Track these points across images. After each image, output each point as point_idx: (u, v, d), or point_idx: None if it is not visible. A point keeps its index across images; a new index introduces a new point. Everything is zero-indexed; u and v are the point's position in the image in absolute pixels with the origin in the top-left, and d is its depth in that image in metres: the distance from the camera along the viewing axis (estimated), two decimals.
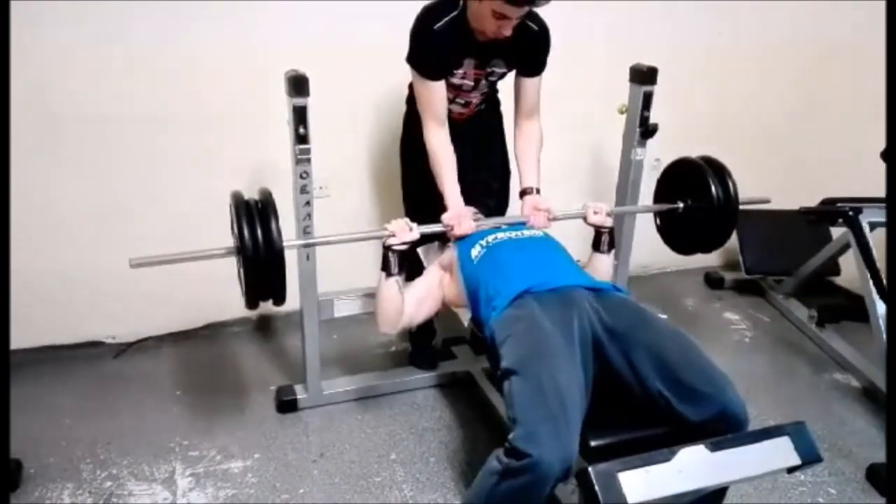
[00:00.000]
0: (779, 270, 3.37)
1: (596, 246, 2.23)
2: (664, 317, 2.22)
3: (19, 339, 2.55)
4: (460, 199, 2.19)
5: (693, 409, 1.64)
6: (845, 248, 2.86)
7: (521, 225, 2.20)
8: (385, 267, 2.03)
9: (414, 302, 2.10)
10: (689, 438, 1.51)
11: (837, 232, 2.94)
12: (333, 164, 2.72)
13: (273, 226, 1.86)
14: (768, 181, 3.53)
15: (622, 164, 2.62)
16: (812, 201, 2.86)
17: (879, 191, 2.68)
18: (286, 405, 2.49)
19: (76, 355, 2.75)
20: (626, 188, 2.61)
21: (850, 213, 2.65)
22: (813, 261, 3.14)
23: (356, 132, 2.87)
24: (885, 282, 2.51)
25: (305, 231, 2.23)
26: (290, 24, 2.60)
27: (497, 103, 2.49)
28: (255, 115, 2.60)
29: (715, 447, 1.48)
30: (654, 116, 2.50)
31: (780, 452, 1.52)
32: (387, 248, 2.03)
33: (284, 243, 1.88)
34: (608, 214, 2.22)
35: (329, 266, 2.40)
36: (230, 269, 2.86)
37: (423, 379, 2.65)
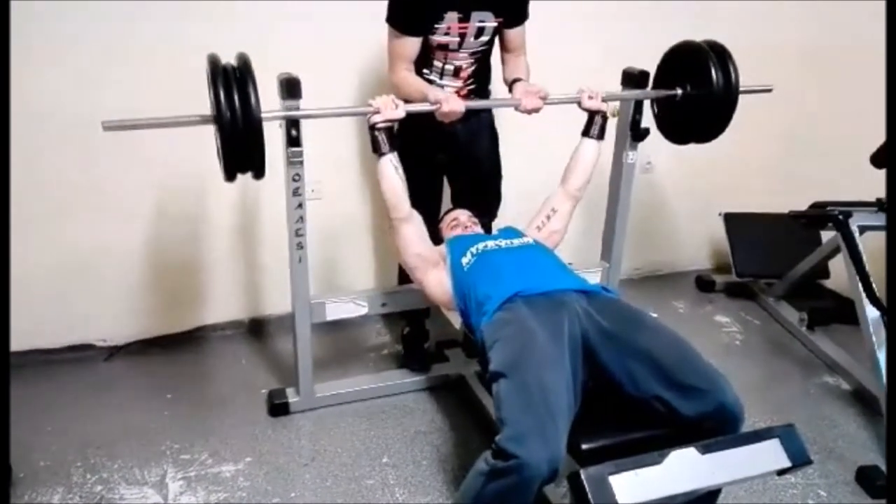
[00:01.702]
0: (769, 273, 3.39)
1: (587, 131, 2.25)
2: (655, 315, 2.22)
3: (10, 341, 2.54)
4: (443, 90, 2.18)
5: (690, 404, 1.64)
6: (835, 251, 2.87)
7: (512, 233, 2.20)
8: (375, 148, 2.04)
9: (417, 230, 2.13)
10: (682, 440, 1.52)
11: (827, 235, 2.96)
12: (326, 166, 2.72)
13: (251, 93, 1.76)
14: (759, 185, 3.58)
15: (614, 167, 2.62)
16: (802, 205, 2.88)
17: (869, 194, 2.71)
18: (278, 408, 2.48)
19: (66, 358, 2.74)
20: (618, 191, 2.61)
21: (840, 216, 2.66)
22: (803, 264, 3.15)
23: (348, 134, 2.87)
24: (874, 286, 2.53)
25: (297, 233, 2.22)
26: (281, 25, 2.60)
27: (488, 94, 2.48)
28: None
29: (705, 449, 1.49)
30: (645, 120, 2.51)
31: (771, 455, 1.53)
32: (372, 127, 2.03)
33: (263, 114, 1.79)
34: (604, 100, 2.24)
35: (321, 269, 2.40)
36: (222, 272, 2.88)
37: (415, 382, 2.65)
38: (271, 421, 2.46)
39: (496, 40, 2.35)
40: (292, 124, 2.05)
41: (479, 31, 2.25)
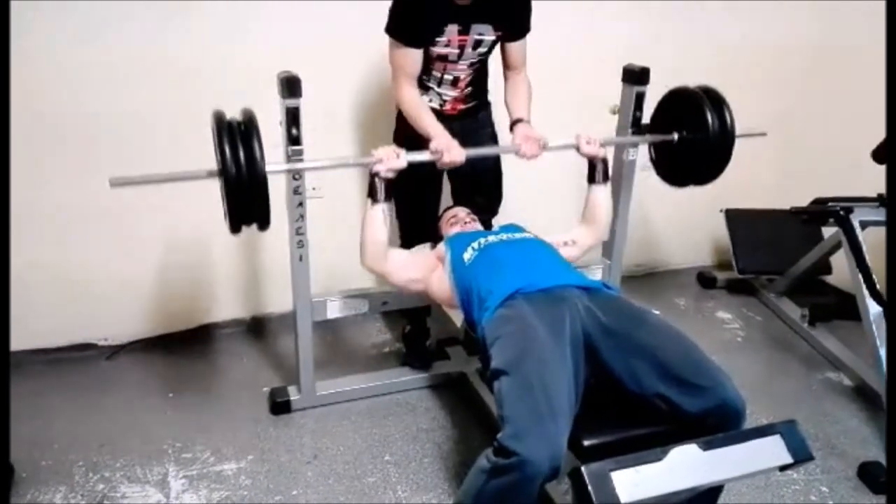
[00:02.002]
0: (771, 270, 3.39)
1: (591, 178, 2.25)
2: (657, 313, 2.22)
3: (11, 340, 2.54)
4: (446, 132, 2.18)
5: (692, 400, 1.64)
6: (837, 247, 2.87)
7: (513, 228, 2.20)
8: (371, 193, 2.05)
9: (398, 261, 2.12)
10: (683, 436, 1.51)
11: (829, 231, 2.96)
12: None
13: (256, 146, 1.78)
14: (760, 181, 3.58)
15: (615, 165, 2.62)
16: (803, 201, 2.87)
17: (870, 190, 2.70)
18: (279, 407, 2.48)
19: (68, 357, 2.74)
20: (619, 188, 2.61)
21: (842, 212, 2.66)
22: (804, 260, 3.15)
23: (349, 133, 2.87)
24: (876, 281, 2.52)
25: (298, 232, 2.22)
26: (279, 24, 2.60)
27: (488, 104, 2.49)
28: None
29: (707, 446, 1.48)
30: (646, 117, 2.51)
31: (773, 451, 1.53)
32: (373, 175, 2.03)
33: (268, 167, 1.82)
34: (602, 145, 2.24)
35: (322, 267, 2.40)
36: (223, 270, 2.88)
37: (416, 380, 2.65)
38: (273, 419, 2.46)
39: (496, 49, 2.34)
40: (293, 122, 2.06)
41: (478, 43, 2.25)
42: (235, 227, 1.88)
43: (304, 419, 2.47)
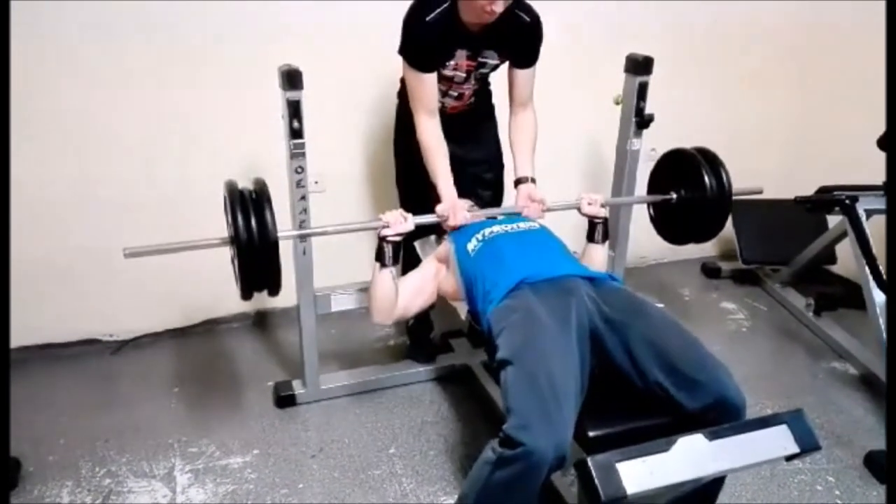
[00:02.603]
0: (775, 260, 3.38)
1: (590, 237, 2.23)
2: (661, 306, 2.22)
3: (16, 337, 2.55)
4: (454, 190, 2.19)
5: (690, 396, 1.64)
6: (842, 236, 2.86)
7: (518, 217, 2.19)
8: (379, 258, 2.04)
9: (408, 294, 2.11)
10: (689, 427, 1.51)
11: (834, 220, 2.94)
12: (328, 158, 2.72)
13: (268, 215, 1.84)
14: (764, 170, 3.56)
15: (618, 155, 2.61)
16: (808, 190, 2.86)
17: (875, 178, 2.69)
18: (284, 400, 2.48)
19: (73, 353, 2.75)
20: (622, 178, 2.60)
21: (847, 201, 2.65)
22: (809, 249, 3.14)
23: (350, 125, 2.86)
24: (882, 270, 2.51)
25: (301, 226, 2.22)
26: (283, 16, 2.59)
27: (489, 95, 2.48)
28: (248, 108, 2.60)
29: (713, 436, 1.48)
30: (649, 106, 2.49)
31: (779, 441, 1.52)
32: (381, 239, 2.03)
33: (279, 233, 1.87)
34: (602, 205, 2.23)
35: (325, 260, 2.40)
36: (226, 265, 2.87)
37: (421, 372, 2.65)
38: (278, 413, 2.46)
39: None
40: (294, 115, 2.06)
41: (482, 65, 2.24)
42: (247, 294, 1.94)
43: (309, 413, 2.47)
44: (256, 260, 1.84)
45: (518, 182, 2.31)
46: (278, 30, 2.59)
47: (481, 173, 2.53)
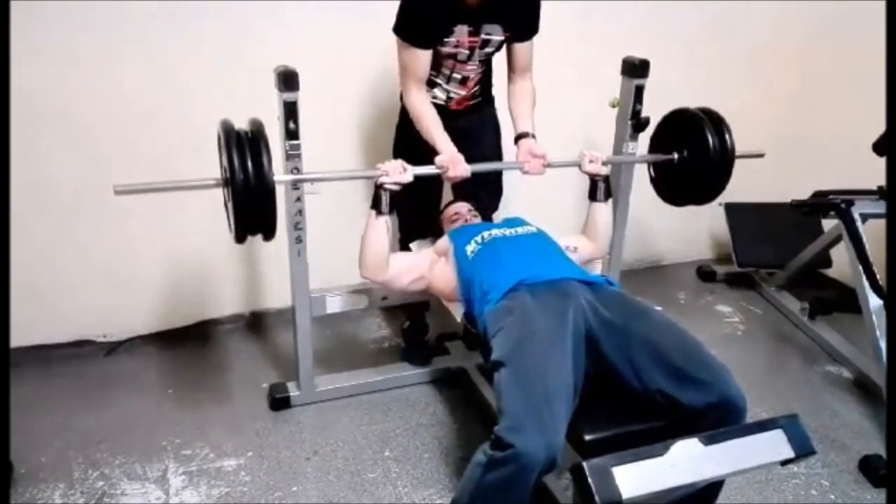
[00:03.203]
0: (771, 263, 3.38)
1: (593, 195, 2.25)
2: (659, 309, 2.22)
3: (10, 338, 2.53)
4: (453, 146, 2.18)
5: (693, 395, 1.64)
6: (837, 240, 2.87)
7: (517, 222, 2.19)
8: (375, 205, 2.04)
9: (400, 265, 2.13)
10: (685, 431, 1.51)
11: (829, 224, 2.95)
12: (324, 159, 2.71)
13: (264, 157, 1.78)
14: (760, 173, 3.56)
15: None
16: (804, 194, 2.87)
17: (871, 182, 2.69)
18: (279, 402, 2.48)
19: (67, 354, 2.73)
20: (618, 182, 2.60)
21: (842, 205, 2.65)
22: (804, 253, 3.14)
23: (347, 127, 2.85)
24: (877, 274, 2.51)
25: (296, 227, 2.22)
26: (278, 18, 2.58)
27: (492, 98, 2.48)
28: (243, 109, 2.59)
29: (709, 441, 1.48)
30: (646, 109, 2.49)
31: (774, 445, 1.53)
32: (378, 187, 2.03)
33: (276, 178, 1.82)
34: (604, 163, 2.24)
35: (320, 262, 2.39)
36: (221, 267, 2.87)
37: (416, 375, 2.64)
38: (272, 415, 2.45)
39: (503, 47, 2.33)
40: (290, 116, 2.05)
41: (486, 43, 2.24)
42: (240, 238, 1.89)
43: (304, 415, 2.46)
44: (252, 203, 1.78)
45: (519, 138, 2.30)
46: (273, 30, 2.58)
47: (479, 174, 2.52)
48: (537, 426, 1.52)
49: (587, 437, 1.65)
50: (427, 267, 2.17)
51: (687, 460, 1.45)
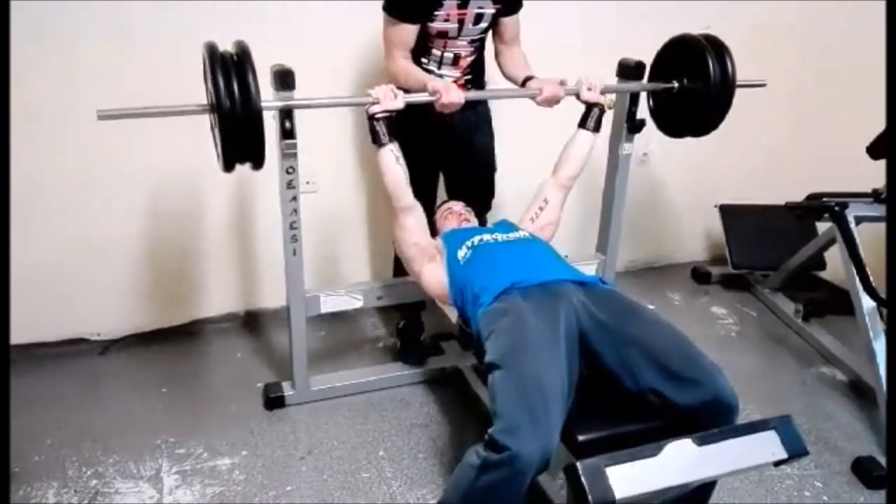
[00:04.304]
0: (765, 265, 3.39)
1: (583, 122, 2.25)
2: (651, 307, 2.22)
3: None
4: (446, 80, 2.17)
5: (685, 393, 1.64)
6: (831, 242, 2.87)
7: (509, 228, 2.19)
8: (375, 139, 2.03)
9: (416, 223, 2.13)
10: (678, 431, 1.51)
11: (823, 227, 2.96)
12: (320, 158, 2.71)
13: (251, 81, 1.72)
14: (754, 176, 3.58)
15: (610, 160, 2.62)
16: (798, 196, 2.87)
17: (865, 186, 2.70)
18: (273, 402, 2.47)
19: (60, 352, 2.72)
20: (613, 183, 2.60)
21: (836, 207, 2.66)
22: (799, 255, 3.15)
23: (343, 126, 2.85)
24: (870, 277, 2.52)
25: (292, 226, 2.21)
26: (272, 15, 2.58)
27: (484, 85, 2.47)
28: None
29: (702, 441, 1.48)
30: (641, 112, 2.50)
31: (767, 446, 1.53)
32: (371, 118, 2.01)
33: (263, 103, 1.77)
34: (602, 92, 2.24)
35: (316, 262, 2.39)
36: (217, 267, 2.87)
37: (411, 375, 2.64)
38: (267, 414, 2.45)
39: (490, 32, 2.33)
40: (286, 116, 2.04)
41: (478, 18, 2.23)
42: (229, 166, 1.84)
43: (298, 414, 2.46)
44: (240, 129, 1.73)
45: (525, 80, 2.30)
46: (269, 29, 2.58)
47: (473, 173, 2.53)
48: (532, 428, 1.52)
49: (581, 438, 1.65)
50: (429, 253, 2.15)
51: (680, 461, 1.45)
